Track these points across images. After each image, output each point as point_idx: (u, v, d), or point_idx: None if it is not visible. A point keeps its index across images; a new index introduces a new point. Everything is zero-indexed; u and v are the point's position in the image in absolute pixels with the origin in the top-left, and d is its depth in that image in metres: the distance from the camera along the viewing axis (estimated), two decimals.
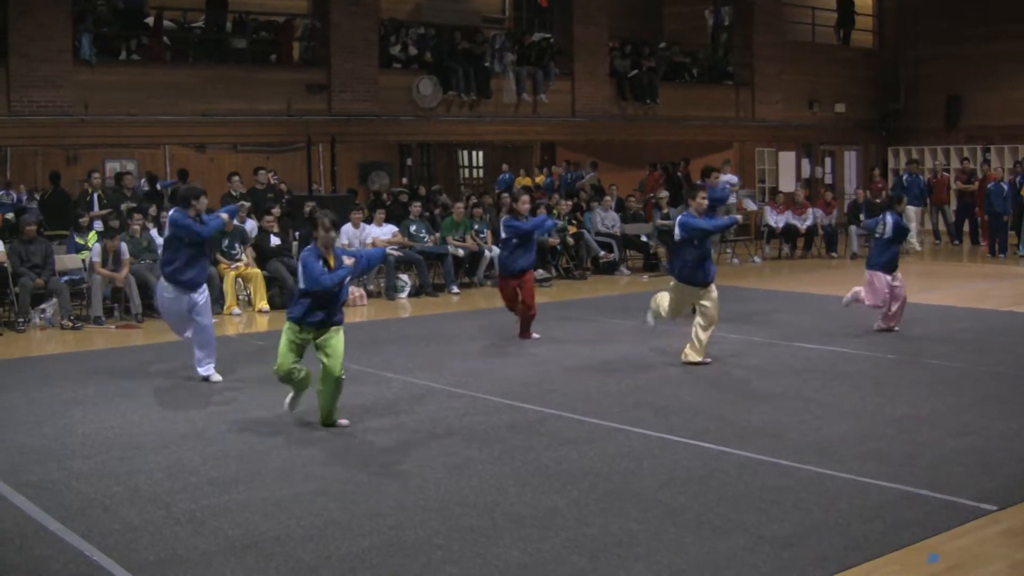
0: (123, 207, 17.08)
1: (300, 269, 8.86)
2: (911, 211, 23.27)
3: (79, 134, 19.13)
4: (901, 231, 13.05)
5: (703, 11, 28.34)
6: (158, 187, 19.19)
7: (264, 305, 15.79)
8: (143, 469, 7.70)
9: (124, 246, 15.09)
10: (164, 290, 10.75)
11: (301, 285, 8.84)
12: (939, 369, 10.99)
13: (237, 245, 16.00)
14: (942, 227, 25.36)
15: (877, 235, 13.11)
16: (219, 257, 15.63)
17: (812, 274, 20.18)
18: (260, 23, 21.65)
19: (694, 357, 11.20)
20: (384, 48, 22.19)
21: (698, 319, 11.25)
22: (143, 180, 20.24)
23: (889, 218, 13.02)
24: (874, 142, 31.07)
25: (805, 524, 6.41)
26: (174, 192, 10.50)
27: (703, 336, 11.21)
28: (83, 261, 15.48)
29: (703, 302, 11.21)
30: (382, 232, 17.65)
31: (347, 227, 17.42)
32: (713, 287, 11.28)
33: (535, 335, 13.09)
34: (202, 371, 10.77)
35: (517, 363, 11.71)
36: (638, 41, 26.62)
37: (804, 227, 23.00)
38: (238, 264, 15.93)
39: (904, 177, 24.30)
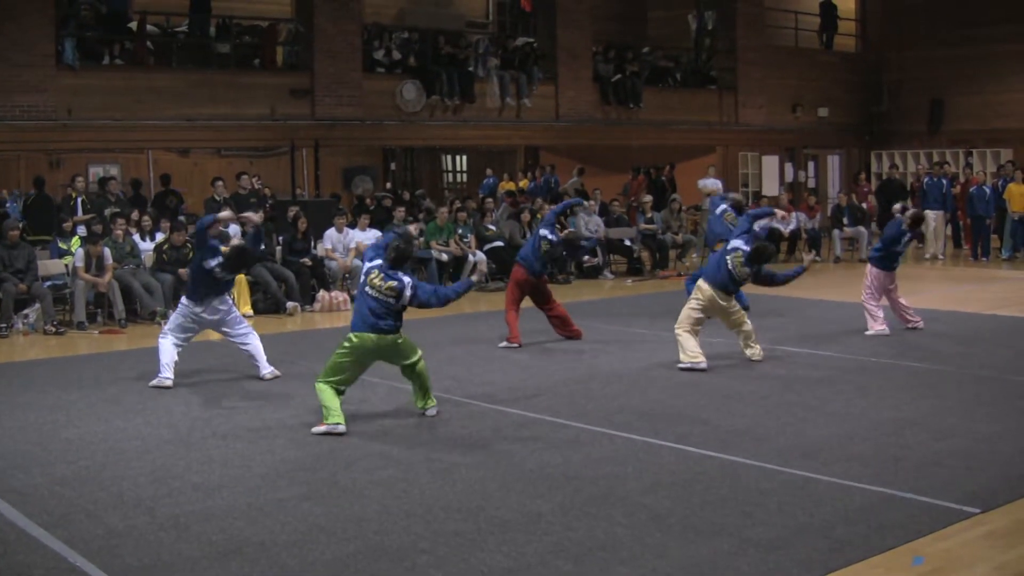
0: (107, 212, 17.04)
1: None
2: (931, 216, 23.12)
3: (62, 139, 19.10)
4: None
5: (687, 15, 28.39)
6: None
7: (248, 310, 15.72)
8: (127, 475, 7.68)
9: (107, 251, 15.05)
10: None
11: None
12: (922, 372, 11.02)
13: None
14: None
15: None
16: None
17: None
18: (244, 27, 21.65)
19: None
20: (368, 52, 22.18)
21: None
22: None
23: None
24: (857, 146, 31.16)
25: (789, 527, 6.43)
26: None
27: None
28: (66, 266, 15.45)
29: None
30: (366, 237, 17.60)
31: (331, 232, 17.41)
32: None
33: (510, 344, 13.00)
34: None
35: (501, 367, 11.71)
36: (622, 45, 26.67)
37: (787, 231, 23.03)
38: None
39: (925, 181, 23.91)
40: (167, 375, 10.69)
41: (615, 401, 9.91)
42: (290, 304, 16.00)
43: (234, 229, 16.68)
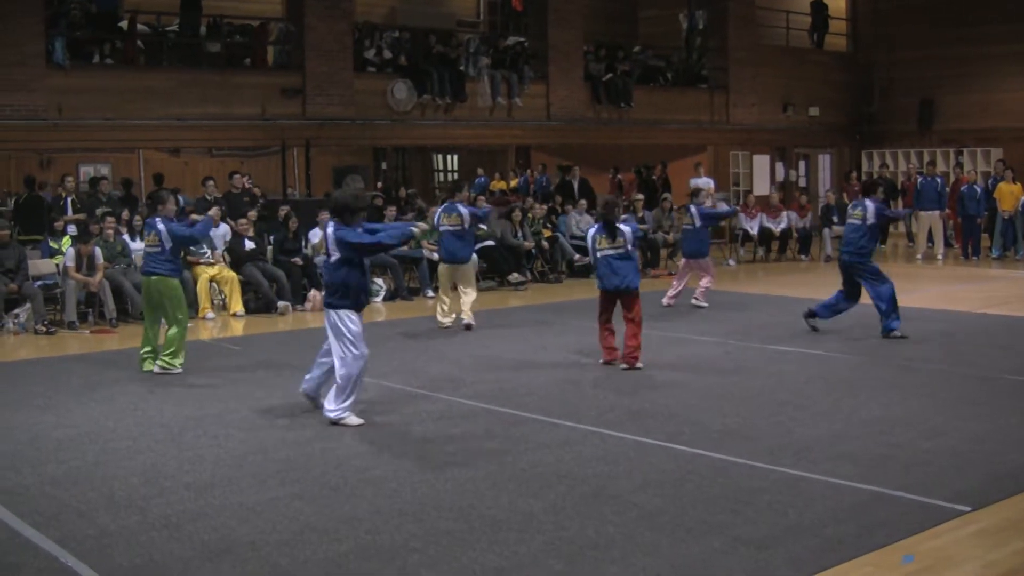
0: (98, 212, 17.01)
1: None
2: (924, 216, 23.09)
3: (53, 138, 19.03)
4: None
5: (678, 15, 28.41)
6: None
7: (239, 309, 15.73)
8: (118, 474, 7.67)
9: (98, 250, 15.04)
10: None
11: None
12: (912, 371, 11.04)
13: (203, 245, 15.77)
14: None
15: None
16: (189, 258, 15.43)
17: (786, 277, 20.24)
18: (234, 27, 21.59)
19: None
20: (359, 52, 22.14)
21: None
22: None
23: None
24: (848, 145, 31.20)
25: (780, 526, 6.44)
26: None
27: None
28: (57, 266, 15.42)
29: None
30: None
31: (317, 230, 17.36)
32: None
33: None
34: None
35: (492, 367, 11.70)
36: (613, 45, 26.67)
37: (778, 230, 23.07)
38: (210, 263, 15.86)
39: (918, 180, 23.87)
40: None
41: (606, 400, 9.92)
42: (281, 303, 16.00)
43: (223, 228, 16.68)
